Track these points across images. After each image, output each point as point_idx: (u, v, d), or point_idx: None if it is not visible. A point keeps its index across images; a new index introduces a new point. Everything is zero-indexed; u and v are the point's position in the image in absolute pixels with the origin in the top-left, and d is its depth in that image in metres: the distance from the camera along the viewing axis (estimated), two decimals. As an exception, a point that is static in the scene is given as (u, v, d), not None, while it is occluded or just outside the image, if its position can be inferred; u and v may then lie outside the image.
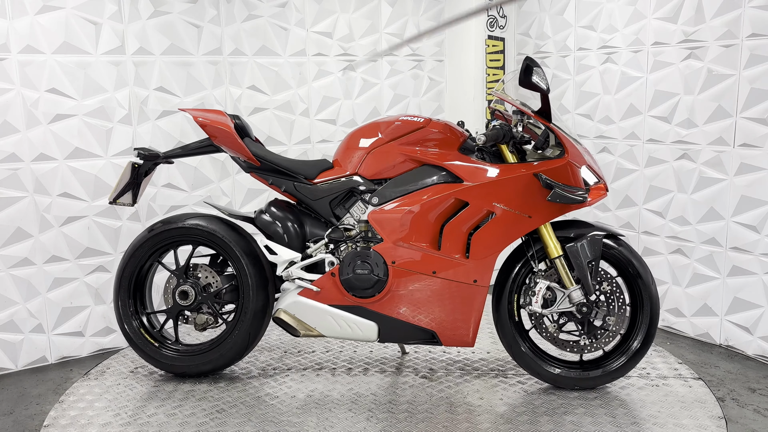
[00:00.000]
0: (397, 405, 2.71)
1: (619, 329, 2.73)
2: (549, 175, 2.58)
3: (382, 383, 2.91)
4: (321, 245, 2.85)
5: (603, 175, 2.71)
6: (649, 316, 2.74)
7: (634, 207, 3.66)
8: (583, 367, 2.82)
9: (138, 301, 3.02)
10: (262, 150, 2.95)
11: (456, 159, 2.71)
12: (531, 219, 2.63)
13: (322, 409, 2.68)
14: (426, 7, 4.26)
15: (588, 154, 2.71)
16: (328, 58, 3.98)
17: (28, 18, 3.06)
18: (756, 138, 3.07)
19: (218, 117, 2.92)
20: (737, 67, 3.11)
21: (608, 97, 3.72)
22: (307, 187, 2.88)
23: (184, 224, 2.92)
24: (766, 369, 3.07)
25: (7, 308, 3.15)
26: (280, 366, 3.12)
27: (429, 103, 4.35)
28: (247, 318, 2.87)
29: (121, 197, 2.95)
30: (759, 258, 3.12)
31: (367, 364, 3.12)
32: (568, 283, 2.69)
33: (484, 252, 2.66)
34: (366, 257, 2.71)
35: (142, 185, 3.03)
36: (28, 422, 2.70)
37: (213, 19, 3.59)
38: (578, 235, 2.71)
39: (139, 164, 2.98)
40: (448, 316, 2.74)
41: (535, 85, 2.55)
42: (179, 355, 2.96)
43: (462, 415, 2.62)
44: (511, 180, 2.62)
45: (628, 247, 2.75)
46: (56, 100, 3.17)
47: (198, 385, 2.92)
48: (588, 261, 2.66)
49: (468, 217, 2.66)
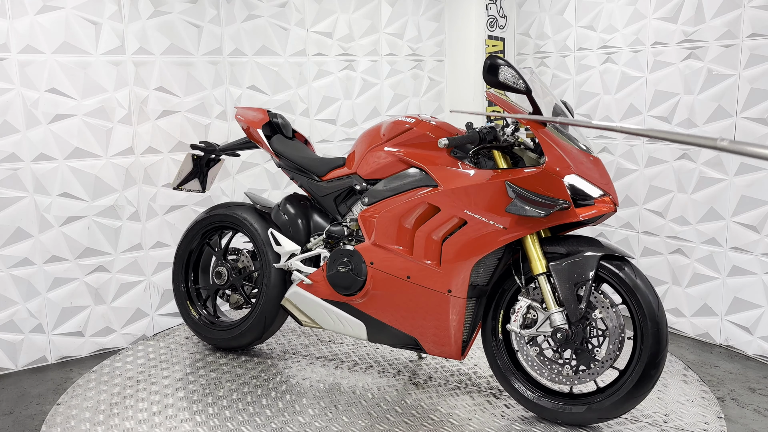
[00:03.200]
0: (369, 404, 2.72)
1: (608, 363, 2.36)
2: (523, 183, 2.35)
3: (375, 382, 2.91)
4: (320, 240, 2.94)
5: (611, 189, 2.39)
6: (648, 353, 2.30)
7: (634, 207, 3.66)
8: (568, 400, 2.50)
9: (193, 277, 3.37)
10: (284, 147, 3.10)
11: (439, 162, 2.57)
12: (506, 230, 2.38)
13: (301, 394, 2.69)
14: (426, 7, 4.26)
15: (592, 164, 2.41)
16: (328, 58, 3.98)
17: (28, 18, 3.06)
18: (756, 138, 3.07)
19: (254, 115, 3.18)
20: (737, 67, 3.11)
21: (608, 97, 3.72)
22: (316, 183, 3.00)
23: (223, 211, 3.20)
24: (766, 369, 3.07)
25: (7, 308, 3.15)
26: (300, 352, 3.27)
27: (429, 103, 4.35)
28: (263, 302, 3.05)
29: (186, 184, 3.31)
30: (759, 258, 3.12)
31: (375, 362, 3.12)
32: (551, 304, 2.39)
33: (454, 261, 2.48)
34: (348, 255, 2.74)
35: (209, 175, 3.36)
36: (28, 422, 2.70)
37: (213, 19, 3.59)
38: (572, 252, 2.39)
39: (199, 156, 3.30)
40: (427, 324, 2.60)
41: (506, 85, 2.32)
42: (212, 328, 3.25)
43: (424, 428, 2.52)
44: (481, 187, 2.42)
45: (635, 272, 2.35)
46: (56, 100, 3.17)
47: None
48: (576, 282, 2.34)
49: (439, 223, 2.50)
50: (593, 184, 2.35)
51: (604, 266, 2.36)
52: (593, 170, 2.39)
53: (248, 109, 3.24)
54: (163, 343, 3.43)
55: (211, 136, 3.65)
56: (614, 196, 2.38)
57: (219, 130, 3.69)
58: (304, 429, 2.52)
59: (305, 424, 2.56)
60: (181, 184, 3.29)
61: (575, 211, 2.31)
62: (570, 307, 2.35)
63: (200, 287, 3.36)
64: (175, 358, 3.22)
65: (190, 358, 3.21)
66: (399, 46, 4.19)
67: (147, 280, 3.54)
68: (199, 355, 3.24)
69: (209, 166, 3.36)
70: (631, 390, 2.34)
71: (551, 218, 2.33)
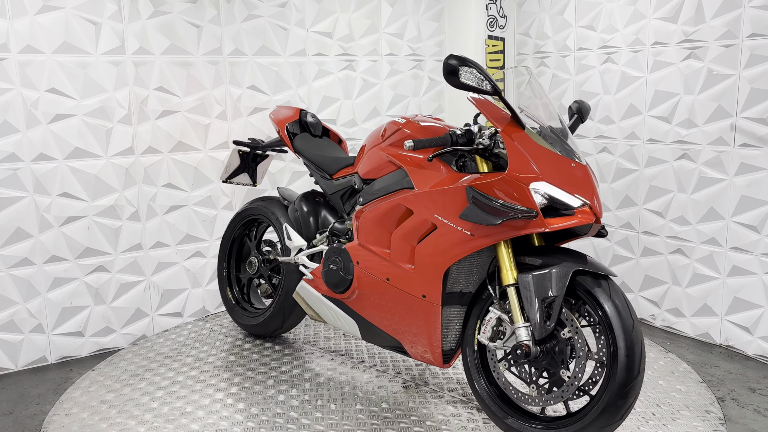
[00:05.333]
0: (349, 401, 2.75)
1: (572, 387, 2.16)
2: (485, 189, 2.20)
3: (368, 381, 2.91)
4: (323, 237, 2.99)
5: (593, 198, 2.19)
6: (617, 382, 2.04)
7: (634, 207, 3.66)
8: (533, 422, 2.31)
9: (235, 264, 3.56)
10: (305, 145, 3.20)
11: (420, 164, 2.48)
12: (474, 237, 2.24)
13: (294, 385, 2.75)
14: (426, 7, 4.26)
15: (573, 172, 2.21)
16: (328, 58, 3.98)
17: (28, 18, 3.06)
18: (756, 138, 3.07)
19: (284, 113, 3.32)
20: (737, 67, 3.11)
21: (608, 97, 3.72)
22: (326, 181, 3.08)
23: (258, 204, 3.37)
24: (766, 369, 3.07)
25: (7, 308, 3.15)
26: (318, 344, 3.40)
27: (429, 103, 4.35)
28: (282, 294, 3.20)
29: (235, 178, 3.48)
30: (759, 258, 3.12)
31: (380, 362, 3.13)
32: (518, 317, 2.22)
33: (426, 266, 2.38)
34: (339, 254, 2.76)
35: (259, 170, 3.53)
36: (28, 422, 2.70)
37: (213, 19, 3.59)
38: (547, 264, 2.19)
39: (245, 152, 3.46)
40: (407, 328, 2.53)
41: (470, 86, 2.17)
42: (242, 313, 3.46)
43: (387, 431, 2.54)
44: (449, 192, 2.31)
45: (612, 292, 2.13)
46: (56, 100, 3.17)
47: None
48: (545, 297, 2.15)
49: (412, 227, 2.43)
50: (570, 193, 2.15)
51: (580, 283, 2.16)
52: (572, 178, 2.19)
53: (281, 108, 3.38)
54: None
55: (210, 136, 3.65)
56: (596, 207, 2.19)
57: (219, 130, 3.69)
58: (274, 419, 2.62)
59: (278, 414, 2.66)
60: (229, 178, 3.47)
61: (544, 220, 2.12)
62: (535, 323, 2.16)
63: (239, 274, 3.54)
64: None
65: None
66: (399, 46, 4.19)
67: (147, 280, 3.54)
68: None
69: (257, 162, 3.52)
70: (595, 420, 2.10)
71: (518, 227, 2.16)
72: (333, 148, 3.23)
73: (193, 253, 3.69)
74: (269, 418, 2.61)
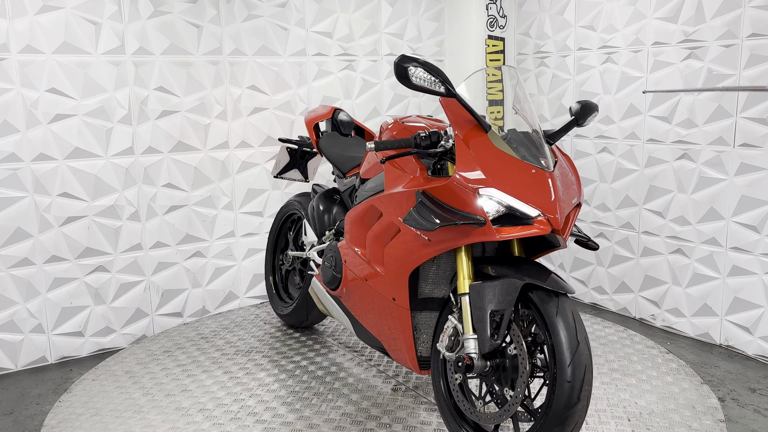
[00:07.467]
0: (331, 397, 2.78)
1: (514, 406, 2.04)
2: (434, 193, 2.12)
3: (362, 379, 2.92)
4: (331, 234, 3.04)
5: (552, 209, 2.02)
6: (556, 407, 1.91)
7: (634, 207, 3.66)
8: None
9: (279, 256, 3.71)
10: (328, 144, 3.25)
11: (395, 166, 2.39)
12: (430, 243, 2.15)
13: (291, 376, 2.71)
14: (426, 7, 4.26)
15: (531, 180, 2.07)
16: (328, 58, 3.98)
17: (28, 18, 3.06)
18: (756, 138, 3.07)
19: (314, 113, 3.39)
20: (737, 67, 3.10)
21: (608, 97, 3.72)
22: (340, 180, 3.18)
23: (295, 199, 3.51)
24: (766, 369, 3.07)
25: (7, 308, 3.15)
26: (339, 338, 3.49)
27: (429, 103, 4.35)
28: (305, 286, 3.35)
29: (286, 173, 3.56)
30: (759, 258, 3.12)
31: (386, 362, 3.13)
32: (468, 328, 2.10)
33: (392, 268, 2.33)
34: (333, 251, 2.81)
35: (309, 166, 3.59)
36: (28, 422, 2.70)
37: (213, 19, 3.59)
38: (501, 275, 2.08)
39: (293, 149, 3.53)
40: (385, 330, 2.49)
41: (422, 88, 2.07)
42: (278, 301, 3.66)
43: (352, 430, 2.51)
44: (403, 194, 2.25)
45: (562, 310, 1.98)
46: (56, 100, 3.17)
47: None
48: (493, 310, 2.04)
49: (381, 229, 2.39)
50: (524, 201, 2.01)
51: (532, 300, 2.03)
52: (528, 185, 2.05)
53: (320, 107, 3.44)
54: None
55: (210, 136, 3.65)
56: (554, 218, 2.00)
57: (219, 130, 3.69)
58: (258, 405, 2.71)
59: (262, 401, 2.76)
60: (281, 173, 3.56)
61: (492, 229, 1.99)
62: (481, 336, 2.05)
63: (281, 264, 3.71)
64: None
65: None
66: (399, 46, 4.19)
67: (147, 280, 3.54)
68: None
69: (306, 159, 3.60)
70: None
71: (468, 235, 2.04)
72: (356, 148, 3.21)
73: (193, 253, 3.69)
74: (252, 404, 2.73)
